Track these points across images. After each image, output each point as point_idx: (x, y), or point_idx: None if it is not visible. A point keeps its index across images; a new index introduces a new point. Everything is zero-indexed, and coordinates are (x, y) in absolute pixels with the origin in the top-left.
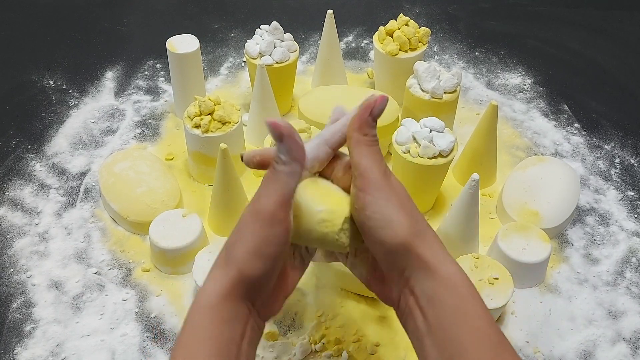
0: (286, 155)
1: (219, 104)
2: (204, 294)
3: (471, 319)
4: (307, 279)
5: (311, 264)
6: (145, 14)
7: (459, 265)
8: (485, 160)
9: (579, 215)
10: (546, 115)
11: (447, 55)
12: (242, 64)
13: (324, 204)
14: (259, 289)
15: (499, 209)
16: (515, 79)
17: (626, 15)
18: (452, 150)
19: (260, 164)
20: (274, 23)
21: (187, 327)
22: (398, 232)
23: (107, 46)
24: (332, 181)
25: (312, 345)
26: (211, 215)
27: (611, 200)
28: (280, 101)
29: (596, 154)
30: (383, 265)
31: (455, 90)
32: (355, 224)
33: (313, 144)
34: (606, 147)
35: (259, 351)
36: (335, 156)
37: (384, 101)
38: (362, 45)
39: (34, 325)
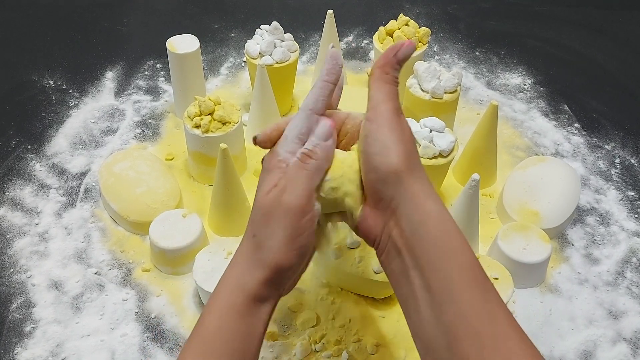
0: (324, 152)
1: (219, 104)
2: (235, 275)
3: (457, 254)
4: (307, 279)
5: (311, 264)
6: (145, 14)
7: (444, 205)
8: (485, 160)
9: (579, 215)
10: (546, 115)
11: (447, 55)
12: (242, 64)
13: (330, 172)
14: (291, 276)
15: (499, 209)
16: (515, 79)
17: (626, 15)
18: (452, 151)
19: (276, 139)
20: (274, 23)
21: (218, 302)
22: (393, 160)
23: (107, 46)
24: (341, 139)
25: (312, 345)
26: (211, 215)
27: (611, 200)
28: (280, 101)
29: (596, 154)
30: (374, 196)
31: (455, 90)
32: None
33: (302, 116)
34: (606, 147)
35: None
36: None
37: (411, 45)
38: (362, 45)
39: (34, 326)
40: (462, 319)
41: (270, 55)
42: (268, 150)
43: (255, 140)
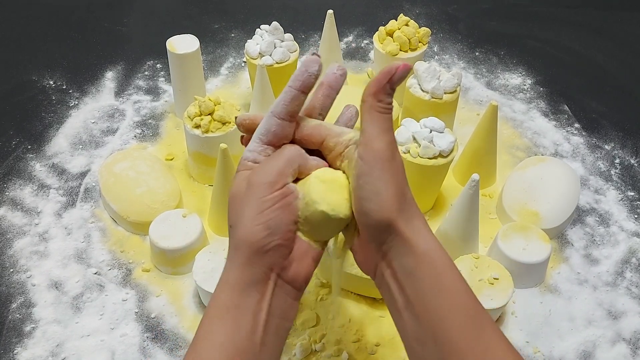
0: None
1: (219, 104)
2: (224, 273)
3: (449, 292)
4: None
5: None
6: (145, 14)
7: (438, 242)
8: (485, 160)
9: (579, 216)
10: (546, 116)
11: (447, 56)
12: (242, 64)
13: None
14: (272, 252)
15: (499, 209)
16: (515, 79)
17: (626, 15)
18: (452, 151)
19: (248, 127)
20: (274, 23)
21: (211, 303)
22: (384, 207)
23: (107, 46)
24: (326, 154)
25: (312, 345)
26: (211, 215)
27: (611, 200)
28: None
29: (596, 154)
30: (365, 236)
31: (455, 91)
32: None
33: (265, 117)
34: (606, 147)
35: None
36: (320, 126)
37: (406, 69)
38: (362, 45)
39: (33, 326)
40: (455, 356)
41: (270, 55)
42: None
43: (236, 118)
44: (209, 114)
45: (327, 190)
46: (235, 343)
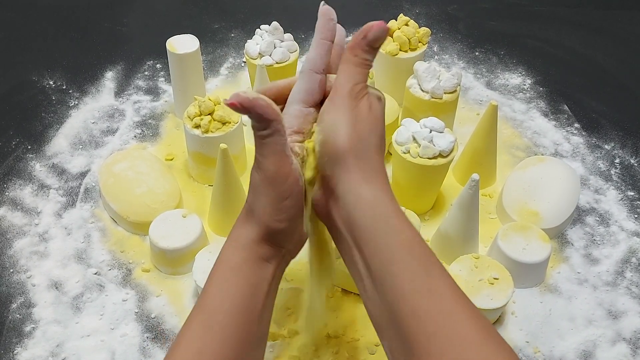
0: (262, 122)
1: (219, 104)
2: (236, 237)
3: (394, 233)
4: (307, 279)
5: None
6: (145, 14)
7: (388, 192)
8: (485, 160)
9: (579, 216)
10: (546, 115)
11: (447, 55)
12: (242, 64)
13: None
14: (287, 235)
15: (499, 209)
16: (515, 79)
17: (626, 15)
18: (452, 151)
19: (275, 97)
20: (274, 23)
21: (221, 264)
22: (339, 140)
23: (107, 46)
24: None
25: (312, 344)
26: (211, 215)
27: (611, 200)
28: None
29: (596, 154)
30: (320, 172)
31: (455, 90)
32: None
33: (303, 77)
34: (606, 147)
35: None
36: None
37: (380, 27)
38: None
39: (33, 326)
40: (401, 297)
41: (270, 55)
42: None
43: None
44: (208, 114)
45: None
46: (252, 309)
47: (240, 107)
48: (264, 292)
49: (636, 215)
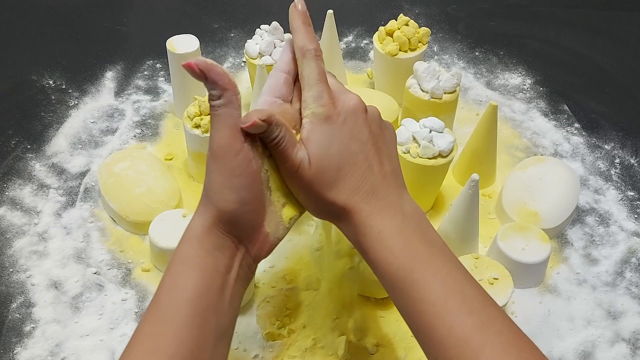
0: (216, 89)
1: None
2: (190, 228)
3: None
4: (307, 278)
5: (312, 264)
6: (145, 14)
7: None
8: (485, 160)
9: (578, 216)
10: (546, 116)
11: (447, 55)
12: (242, 64)
13: None
14: (239, 224)
15: (499, 209)
16: (515, 79)
17: (626, 15)
18: (451, 151)
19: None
20: (274, 23)
21: (174, 258)
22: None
23: (107, 46)
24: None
25: (312, 344)
26: None
27: (611, 200)
28: None
29: (596, 154)
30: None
31: (455, 91)
32: None
33: (272, 75)
34: (606, 147)
35: (258, 351)
36: None
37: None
38: (362, 45)
39: (33, 325)
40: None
41: (270, 55)
42: None
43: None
44: (208, 114)
45: None
46: (206, 300)
47: (197, 70)
48: (218, 285)
49: (636, 216)
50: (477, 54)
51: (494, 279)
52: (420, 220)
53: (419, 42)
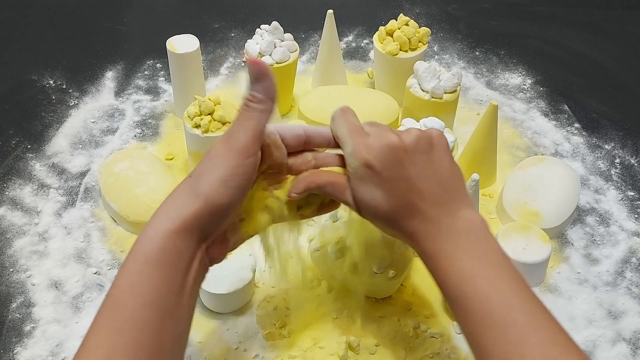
0: (263, 93)
1: (219, 104)
2: (167, 213)
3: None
4: (307, 278)
5: (312, 263)
6: (145, 14)
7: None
8: (485, 160)
9: (579, 215)
10: (546, 115)
11: (447, 55)
12: (242, 64)
13: None
14: (218, 222)
15: (499, 209)
16: (515, 79)
17: (626, 15)
18: (452, 150)
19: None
20: (274, 23)
21: (140, 247)
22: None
23: (107, 46)
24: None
25: (312, 344)
26: None
27: (611, 200)
28: (280, 101)
29: (596, 154)
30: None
31: (455, 90)
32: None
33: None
34: (606, 147)
35: (258, 351)
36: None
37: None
38: (362, 45)
39: (33, 325)
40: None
41: (270, 55)
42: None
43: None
44: (208, 114)
45: None
46: (166, 302)
47: (261, 70)
48: (178, 286)
49: (636, 215)
50: (477, 53)
51: None
52: (476, 235)
53: (420, 41)
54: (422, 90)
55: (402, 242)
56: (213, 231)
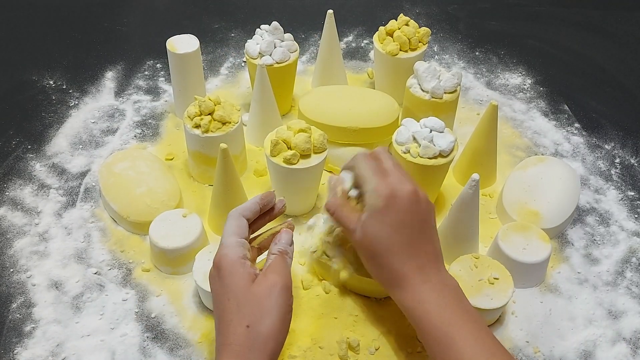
0: (292, 252)
1: (219, 104)
2: None
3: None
4: (308, 280)
5: (312, 263)
6: (145, 14)
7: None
8: (485, 160)
9: (579, 215)
10: (546, 115)
11: (447, 55)
12: (242, 64)
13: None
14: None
15: (499, 209)
16: (515, 79)
17: (626, 15)
18: (452, 150)
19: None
20: (274, 23)
21: None
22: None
23: (107, 46)
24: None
25: (312, 344)
26: (211, 215)
27: (611, 200)
28: (280, 101)
29: (596, 154)
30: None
31: (455, 90)
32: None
33: (232, 217)
34: (606, 147)
35: None
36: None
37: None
38: (362, 45)
39: (34, 325)
40: None
41: (270, 55)
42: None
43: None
44: (209, 114)
45: None
46: None
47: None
48: None
49: (636, 215)
50: (477, 53)
51: (495, 278)
52: (457, 292)
53: (419, 42)
54: (422, 90)
55: None
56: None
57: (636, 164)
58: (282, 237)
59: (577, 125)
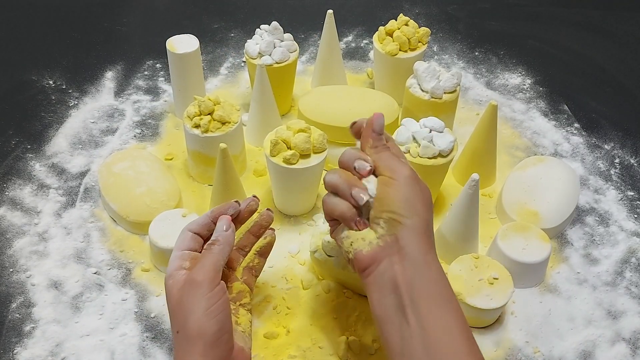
0: (224, 238)
1: (219, 104)
2: None
3: (452, 303)
4: (306, 278)
5: (312, 263)
6: (145, 14)
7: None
8: (485, 160)
9: (578, 216)
10: (546, 115)
11: (446, 55)
12: (242, 64)
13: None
14: (222, 345)
15: (499, 209)
16: (515, 79)
17: (626, 15)
18: (452, 150)
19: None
20: (274, 23)
21: None
22: (416, 212)
23: (107, 46)
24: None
25: (312, 344)
26: None
27: (611, 200)
28: (280, 101)
29: (596, 154)
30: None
31: (455, 90)
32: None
33: (183, 234)
34: (606, 147)
35: (258, 351)
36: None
37: (379, 117)
38: (362, 45)
39: (33, 325)
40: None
41: (270, 55)
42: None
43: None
44: (208, 114)
45: None
46: None
47: (229, 223)
48: None
49: (636, 215)
50: (477, 53)
51: (494, 278)
52: (432, 274)
53: (419, 42)
54: (422, 90)
55: None
56: (225, 355)
57: (636, 164)
58: (217, 226)
59: (576, 125)
